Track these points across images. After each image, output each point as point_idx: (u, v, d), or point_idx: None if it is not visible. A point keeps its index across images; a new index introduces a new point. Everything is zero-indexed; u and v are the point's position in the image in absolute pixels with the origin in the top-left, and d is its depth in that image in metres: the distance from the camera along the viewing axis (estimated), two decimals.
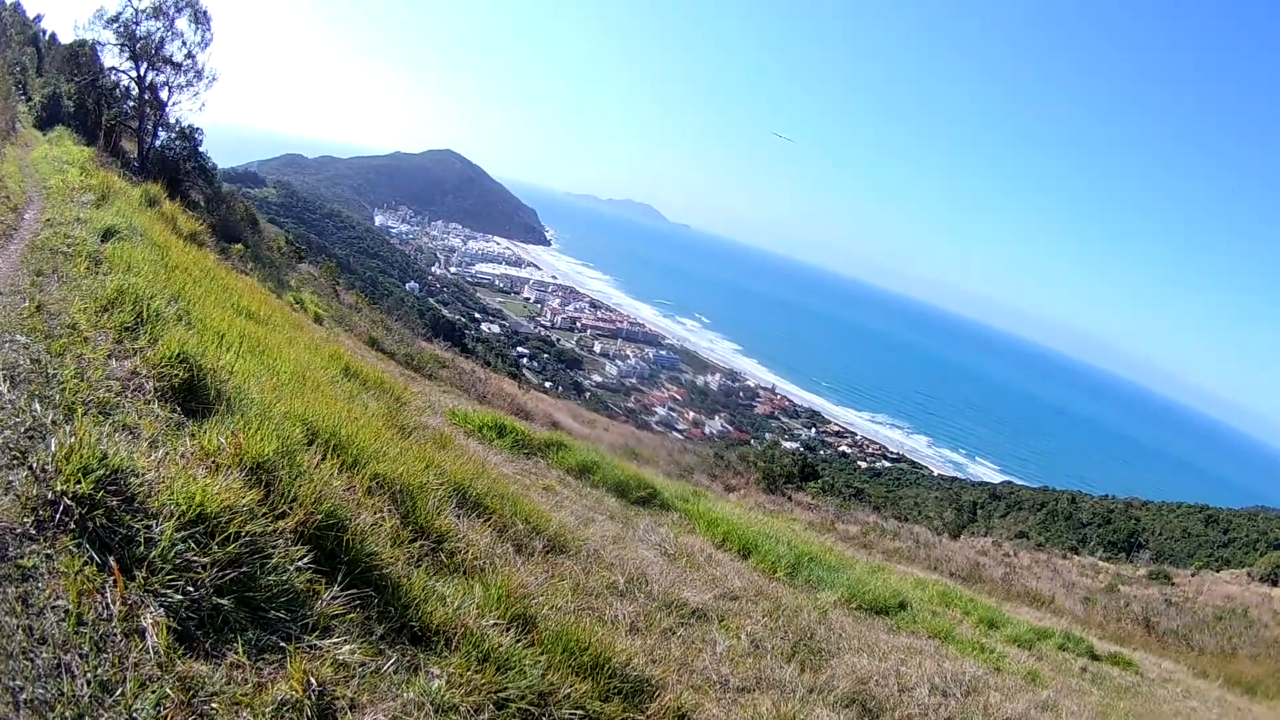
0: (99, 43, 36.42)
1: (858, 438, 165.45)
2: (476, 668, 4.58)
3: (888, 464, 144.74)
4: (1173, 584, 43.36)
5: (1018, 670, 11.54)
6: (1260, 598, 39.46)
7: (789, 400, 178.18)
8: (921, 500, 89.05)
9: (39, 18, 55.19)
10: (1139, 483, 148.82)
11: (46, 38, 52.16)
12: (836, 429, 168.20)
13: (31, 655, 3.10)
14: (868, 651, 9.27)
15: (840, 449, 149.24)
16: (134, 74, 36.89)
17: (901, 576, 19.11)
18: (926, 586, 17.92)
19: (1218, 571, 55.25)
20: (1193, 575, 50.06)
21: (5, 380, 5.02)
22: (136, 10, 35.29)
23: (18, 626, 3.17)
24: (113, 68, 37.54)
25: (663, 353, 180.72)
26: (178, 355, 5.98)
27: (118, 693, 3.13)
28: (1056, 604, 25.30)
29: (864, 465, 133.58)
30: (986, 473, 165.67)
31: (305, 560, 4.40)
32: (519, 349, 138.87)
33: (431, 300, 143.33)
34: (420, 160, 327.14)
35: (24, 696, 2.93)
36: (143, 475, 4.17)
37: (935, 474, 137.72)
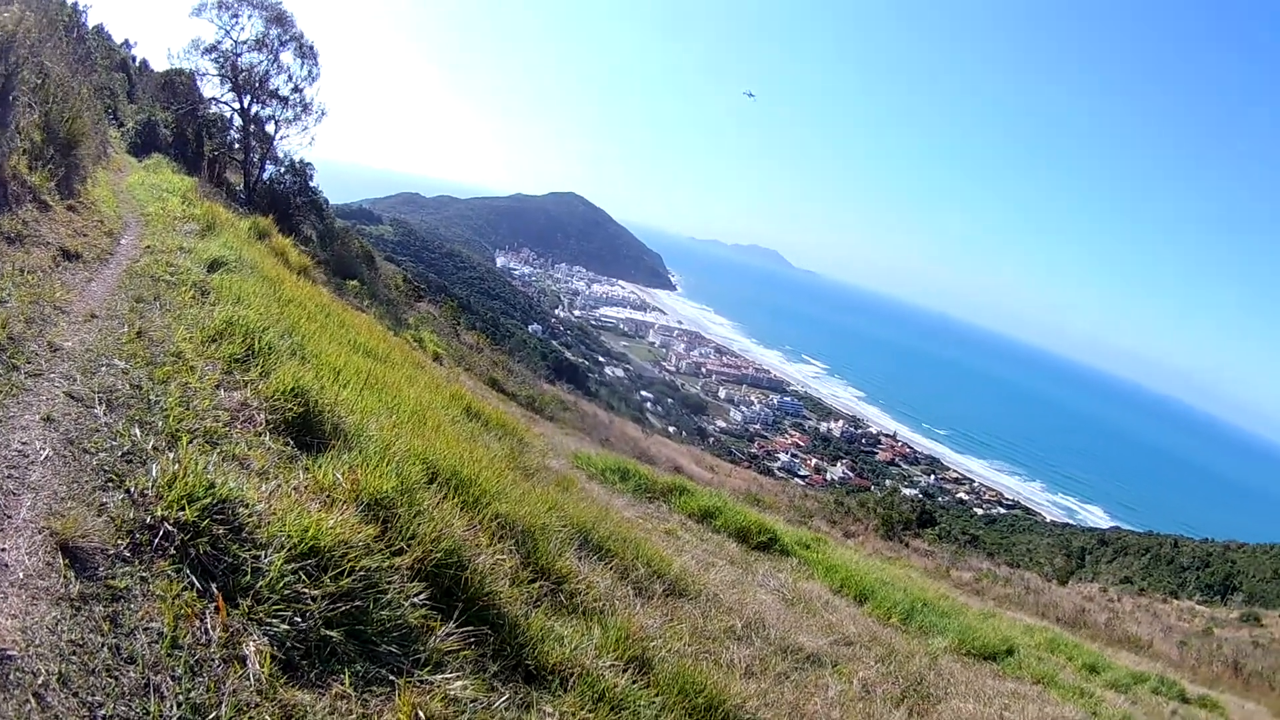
0: (197, 72, 36.43)
1: (975, 484, 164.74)
2: (590, 707, 4.62)
3: (1003, 510, 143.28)
4: (1262, 625, 42.70)
5: (1113, 714, 11.64)
6: None
7: (909, 447, 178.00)
8: (1033, 546, 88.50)
9: (127, 43, 56.03)
10: (1240, 525, 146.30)
11: (137, 64, 52.69)
12: (955, 476, 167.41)
13: (116, 674, 3.08)
14: (974, 697, 9.41)
15: (958, 495, 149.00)
16: (237, 106, 36.99)
17: (1011, 623, 19.13)
18: (1034, 633, 18.00)
19: None
20: None
21: (102, 403, 5.05)
22: (237, 42, 35.33)
23: (103, 644, 3.15)
24: (214, 98, 37.55)
25: (787, 399, 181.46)
26: (291, 389, 6.04)
27: (211, 716, 3.11)
28: (1155, 648, 25.39)
29: (980, 512, 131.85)
30: (1096, 518, 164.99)
31: (421, 597, 4.42)
32: (643, 393, 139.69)
33: (554, 343, 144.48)
34: (542, 202, 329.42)
35: (103, 713, 2.91)
36: (252, 506, 4.19)
37: (1047, 520, 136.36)
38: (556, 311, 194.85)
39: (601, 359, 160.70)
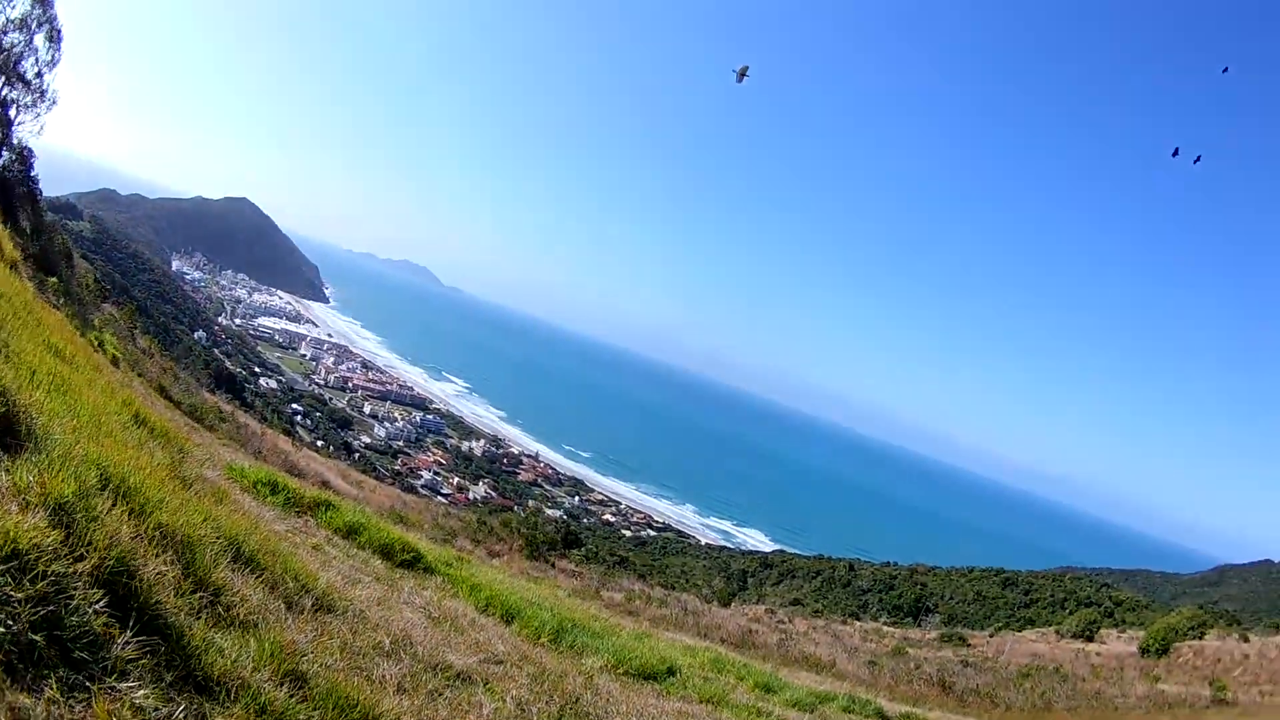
0: None
1: (622, 506, 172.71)
2: (256, 719, 4.73)
3: (653, 533, 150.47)
4: (968, 645, 44.58)
5: None
6: (1074, 653, 41.61)
7: (552, 468, 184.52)
8: (689, 569, 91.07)
9: None
10: (926, 549, 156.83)
11: None
12: (600, 498, 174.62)
13: None
14: (637, 716, 9.38)
15: (604, 517, 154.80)
16: None
17: (670, 643, 19.35)
18: (697, 653, 18.06)
19: (1020, 631, 57.65)
20: (991, 636, 51.74)
21: None
22: (7, 19, 33.66)
23: None
24: None
25: (429, 416, 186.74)
26: None
27: None
28: (838, 668, 25.74)
29: (628, 534, 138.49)
30: (756, 542, 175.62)
31: (101, 604, 4.42)
32: (294, 406, 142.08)
33: (217, 351, 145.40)
34: (218, 207, 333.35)
35: None
36: None
37: (703, 543, 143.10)
38: (220, 319, 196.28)
39: (258, 369, 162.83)
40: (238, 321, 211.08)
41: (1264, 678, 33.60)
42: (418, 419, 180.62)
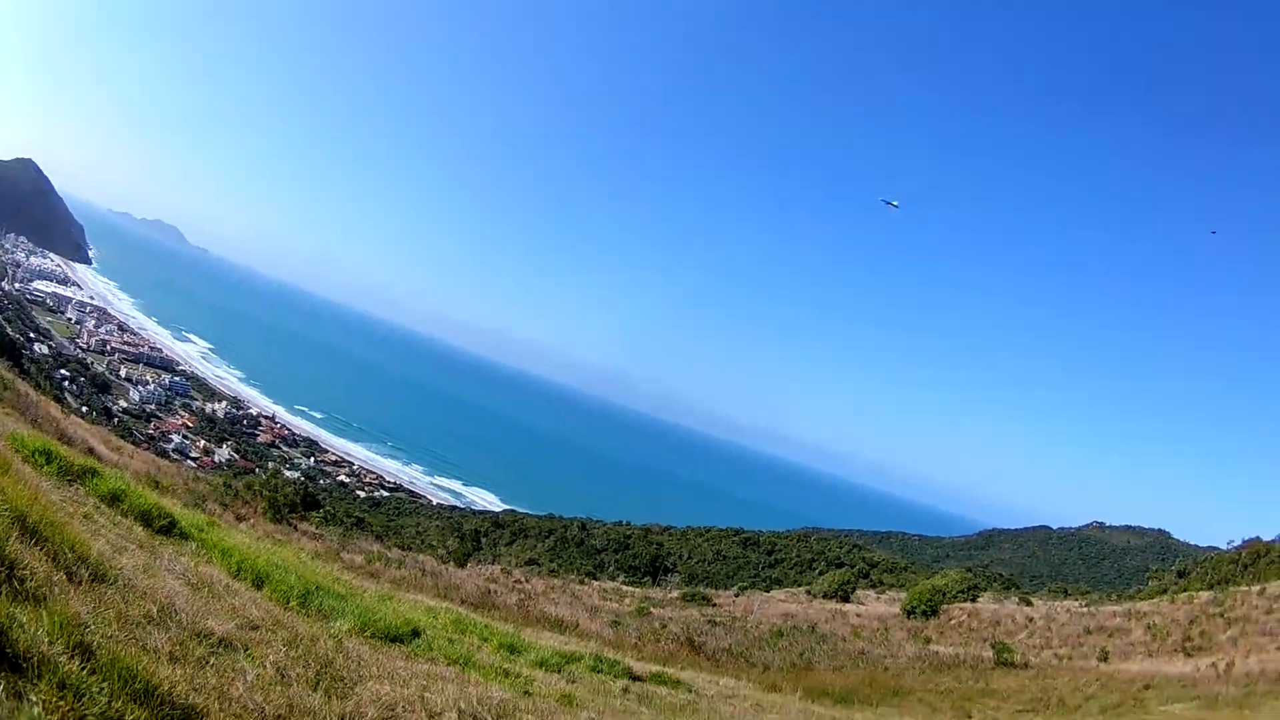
0: None
1: (355, 467, 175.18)
2: (59, 694, 4.81)
3: (386, 493, 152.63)
4: (713, 605, 44.66)
5: (550, 693, 11.95)
6: (830, 614, 41.76)
7: (288, 429, 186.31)
8: (423, 529, 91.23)
9: None
10: (659, 510, 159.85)
11: None
12: (335, 459, 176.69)
13: None
14: (389, 679, 9.42)
15: (339, 478, 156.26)
16: None
17: (412, 604, 19.57)
18: (438, 614, 18.34)
19: (767, 591, 57.90)
20: (736, 596, 51.78)
21: None
22: None
23: None
24: None
25: (176, 379, 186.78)
26: None
27: None
28: (582, 628, 26.11)
29: (363, 495, 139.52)
30: (485, 501, 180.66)
31: None
32: (62, 371, 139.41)
33: (1, 318, 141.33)
34: (9, 170, 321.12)
35: None
36: None
37: (434, 503, 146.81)
38: (3, 284, 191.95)
39: (32, 335, 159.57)
40: (16, 286, 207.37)
41: (1056, 641, 34.62)
42: (166, 381, 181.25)
